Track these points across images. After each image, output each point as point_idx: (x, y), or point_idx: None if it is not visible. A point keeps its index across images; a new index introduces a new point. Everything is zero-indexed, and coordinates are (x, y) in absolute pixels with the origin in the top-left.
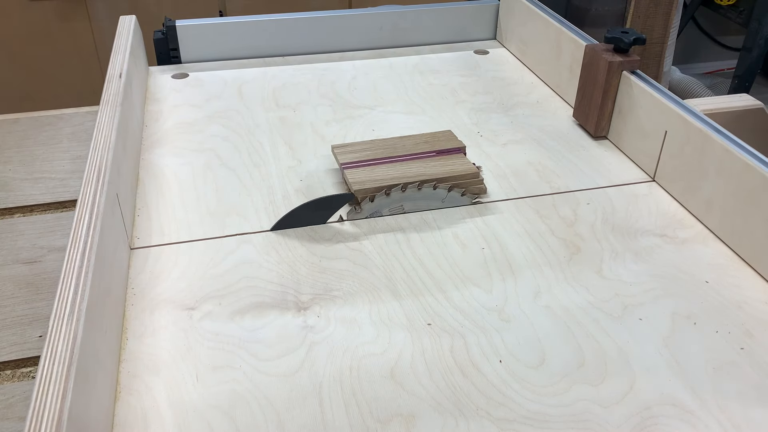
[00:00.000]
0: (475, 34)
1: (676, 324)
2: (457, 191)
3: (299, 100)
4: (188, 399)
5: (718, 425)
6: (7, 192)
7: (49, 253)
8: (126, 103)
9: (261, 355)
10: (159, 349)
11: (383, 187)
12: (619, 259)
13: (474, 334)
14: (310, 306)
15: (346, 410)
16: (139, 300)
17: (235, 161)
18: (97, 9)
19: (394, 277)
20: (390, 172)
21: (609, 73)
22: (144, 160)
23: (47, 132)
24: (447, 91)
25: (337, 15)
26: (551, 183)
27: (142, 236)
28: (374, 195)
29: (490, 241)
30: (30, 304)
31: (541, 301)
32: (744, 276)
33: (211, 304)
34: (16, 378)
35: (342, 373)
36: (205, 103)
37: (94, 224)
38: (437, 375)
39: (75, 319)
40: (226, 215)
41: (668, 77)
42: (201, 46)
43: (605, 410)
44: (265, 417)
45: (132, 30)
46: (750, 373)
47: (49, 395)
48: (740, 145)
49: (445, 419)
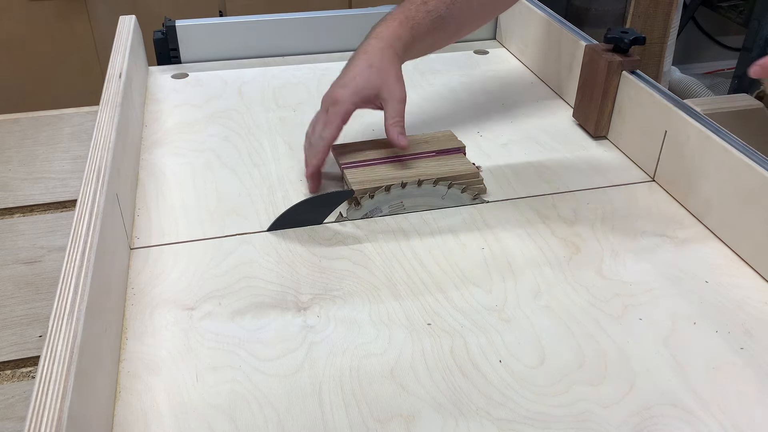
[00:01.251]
0: (475, 34)
1: (676, 324)
2: (457, 188)
3: (299, 100)
4: (188, 399)
5: (718, 425)
6: (7, 192)
7: (49, 253)
8: (126, 103)
9: (261, 355)
10: (159, 349)
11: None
12: (619, 259)
13: (474, 334)
14: (310, 306)
15: (346, 410)
16: (139, 300)
17: (235, 161)
18: (97, 9)
19: (394, 277)
20: (390, 172)
21: (609, 73)
22: (144, 160)
23: (47, 132)
24: (447, 91)
25: (337, 15)
26: (551, 183)
27: (142, 236)
28: (374, 192)
29: (490, 241)
30: (30, 304)
31: (541, 301)
32: (744, 276)
33: (211, 304)
34: (16, 378)
35: (342, 373)
36: (205, 103)
37: (93, 224)
38: (437, 375)
39: (75, 319)
40: (226, 215)
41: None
42: (201, 46)
43: (605, 410)
44: (265, 417)
45: (132, 30)
46: (750, 373)
47: (49, 395)
48: (740, 145)
49: (445, 419)
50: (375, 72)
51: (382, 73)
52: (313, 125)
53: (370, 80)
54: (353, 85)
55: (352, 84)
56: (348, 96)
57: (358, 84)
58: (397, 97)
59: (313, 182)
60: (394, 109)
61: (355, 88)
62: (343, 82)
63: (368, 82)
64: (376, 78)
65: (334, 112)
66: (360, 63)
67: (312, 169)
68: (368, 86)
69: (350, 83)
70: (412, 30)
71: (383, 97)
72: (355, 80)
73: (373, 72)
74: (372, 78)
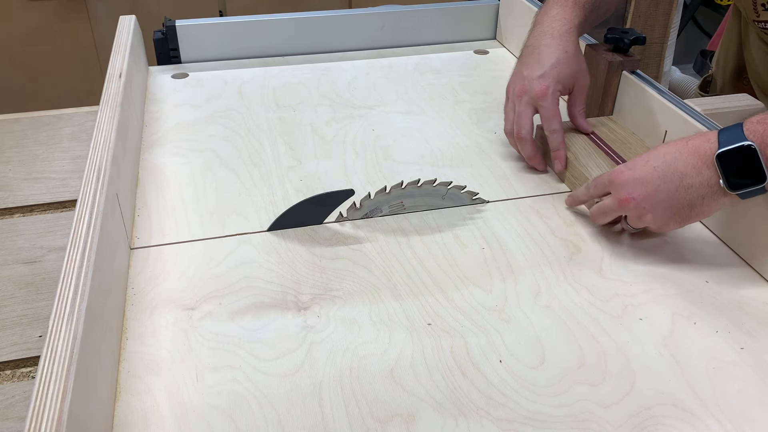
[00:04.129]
0: (475, 34)
1: (676, 324)
2: (457, 188)
3: (299, 100)
4: (188, 399)
5: (718, 425)
6: (7, 192)
7: (49, 253)
8: (126, 103)
9: (261, 355)
10: (159, 349)
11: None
12: (619, 259)
13: (474, 334)
14: (310, 306)
15: (346, 410)
16: (139, 300)
17: (235, 161)
18: (97, 9)
19: (394, 277)
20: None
21: (609, 73)
22: (144, 160)
23: (47, 132)
24: (447, 91)
25: (337, 15)
26: (551, 183)
27: (142, 236)
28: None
29: (490, 241)
30: (30, 304)
31: (541, 301)
32: (744, 276)
33: (211, 304)
34: (16, 378)
35: (342, 373)
36: (205, 103)
37: (94, 224)
38: (437, 375)
39: (75, 319)
40: (226, 215)
41: (668, 77)
42: (201, 46)
43: (605, 410)
44: (265, 417)
45: (132, 30)
46: (750, 373)
47: (49, 395)
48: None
49: (445, 419)
50: (573, 59)
51: (577, 60)
52: (519, 123)
53: (570, 67)
54: (554, 74)
55: (552, 74)
56: (552, 88)
57: (560, 74)
58: (587, 85)
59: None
60: (582, 96)
61: (556, 78)
62: (542, 73)
63: (569, 68)
64: (574, 66)
65: (546, 107)
66: (554, 49)
67: (563, 157)
68: (569, 75)
69: (550, 73)
70: (583, 9)
71: (577, 86)
72: (555, 69)
73: (570, 59)
74: (571, 66)
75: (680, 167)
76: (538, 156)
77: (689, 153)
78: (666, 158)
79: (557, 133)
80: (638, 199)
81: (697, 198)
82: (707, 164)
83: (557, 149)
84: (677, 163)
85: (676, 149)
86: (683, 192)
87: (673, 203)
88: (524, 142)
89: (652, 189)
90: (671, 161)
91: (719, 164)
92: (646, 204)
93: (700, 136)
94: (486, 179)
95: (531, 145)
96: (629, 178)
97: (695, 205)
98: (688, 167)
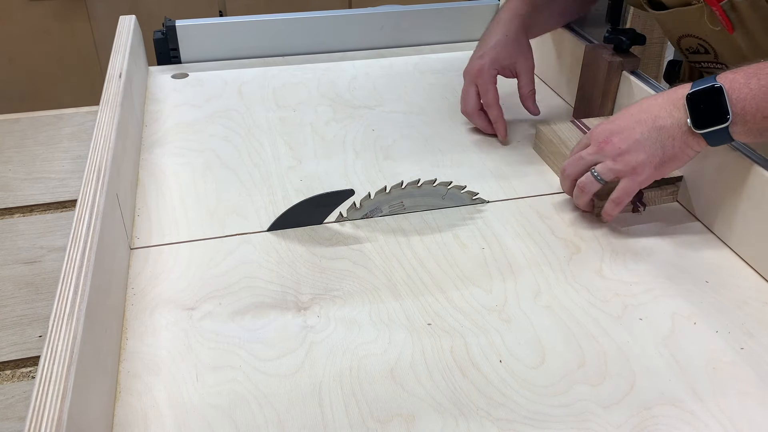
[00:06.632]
0: (475, 34)
1: (676, 324)
2: (457, 188)
3: (299, 100)
4: (188, 399)
5: (718, 425)
6: (7, 192)
7: (49, 253)
8: (126, 103)
9: (261, 355)
10: (159, 349)
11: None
12: (619, 259)
13: (474, 334)
14: (310, 306)
15: (346, 410)
16: (139, 300)
17: (235, 161)
18: (97, 9)
19: (394, 277)
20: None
21: (609, 73)
22: (144, 160)
23: (47, 132)
24: (447, 91)
25: (337, 15)
26: (551, 183)
27: (142, 236)
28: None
29: (490, 241)
30: (30, 304)
31: (541, 301)
32: (744, 276)
33: (211, 304)
34: (16, 378)
35: (342, 373)
36: (205, 103)
37: (94, 224)
38: (437, 375)
39: (75, 319)
40: (226, 215)
41: None
42: (201, 46)
43: (605, 410)
44: (265, 417)
45: (132, 30)
46: (750, 373)
47: (49, 395)
48: (740, 145)
49: (445, 419)
50: (512, 42)
51: (517, 43)
52: (465, 100)
53: (507, 49)
54: (492, 54)
55: (490, 53)
56: (488, 65)
57: (498, 54)
58: (530, 67)
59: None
60: (528, 78)
61: (494, 57)
62: (480, 53)
63: (506, 50)
64: (512, 48)
65: (481, 84)
66: (495, 33)
67: (502, 128)
68: (506, 56)
69: (489, 53)
70: (532, 2)
71: (519, 68)
72: (494, 50)
73: (509, 42)
74: (509, 48)
75: (654, 110)
76: (490, 126)
77: (664, 99)
78: (642, 105)
79: (492, 107)
80: (615, 141)
81: (667, 139)
82: (678, 106)
83: (496, 121)
84: (652, 108)
85: (653, 97)
86: (655, 133)
87: (646, 144)
88: (470, 116)
89: (627, 130)
90: (647, 107)
91: (689, 104)
92: (622, 144)
93: (678, 86)
94: (486, 179)
95: (478, 119)
96: (606, 127)
97: (666, 146)
98: (662, 110)
